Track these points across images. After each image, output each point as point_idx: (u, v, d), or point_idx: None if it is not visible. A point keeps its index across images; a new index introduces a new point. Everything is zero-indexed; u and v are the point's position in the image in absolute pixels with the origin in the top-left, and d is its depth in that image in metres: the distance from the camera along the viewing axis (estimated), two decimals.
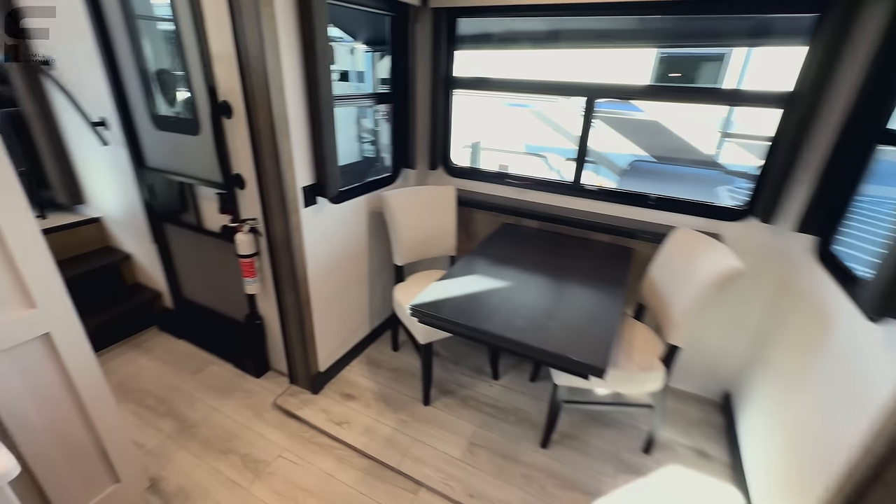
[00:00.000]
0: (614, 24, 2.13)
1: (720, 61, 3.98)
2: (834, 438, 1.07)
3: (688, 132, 4.38)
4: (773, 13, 1.56)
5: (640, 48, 3.75)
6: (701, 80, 4.41)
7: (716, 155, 4.25)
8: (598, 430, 1.78)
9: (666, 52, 4.10)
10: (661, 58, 4.21)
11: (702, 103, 1.96)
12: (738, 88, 3.50)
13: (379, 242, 2.12)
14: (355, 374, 2.05)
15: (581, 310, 1.38)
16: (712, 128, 4.21)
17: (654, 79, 4.45)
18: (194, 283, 2.23)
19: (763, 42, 2.68)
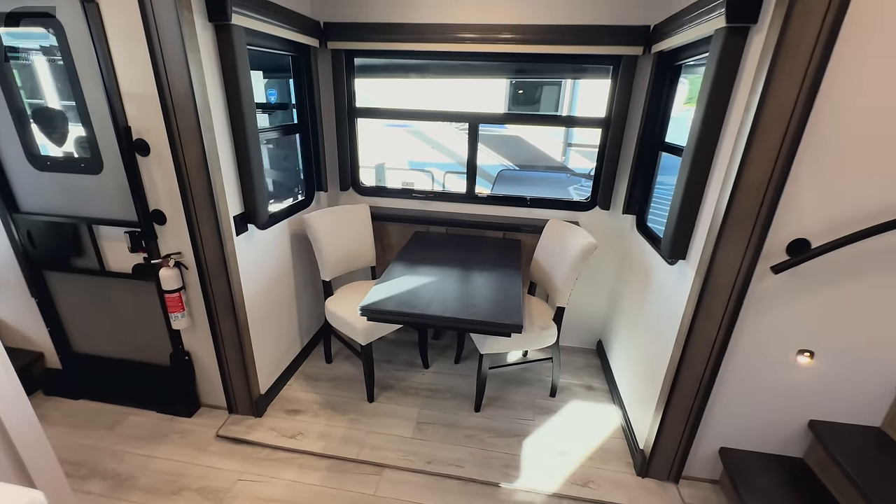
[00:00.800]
0: (480, 62, 2.63)
1: (558, 86, 4.96)
2: (661, 350, 1.63)
3: (542, 144, 5.33)
4: (588, 64, 2.20)
5: (498, 78, 4.51)
6: (543, 100, 5.39)
7: (564, 161, 5.27)
8: (515, 388, 2.20)
9: (515, 80, 4.94)
10: (511, 84, 5.04)
11: (550, 126, 2.57)
12: (572, 115, 4.46)
13: (302, 262, 2.24)
14: (295, 391, 2.13)
15: (493, 288, 1.77)
16: (559, 140, 5.22)
17: (508, 99, 5.29)
18: (91, 333, 2.03)
19: (584, 77, 3.53)
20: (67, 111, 1.66)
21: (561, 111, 5.08)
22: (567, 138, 5.22)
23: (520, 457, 1.79)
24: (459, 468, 1.72)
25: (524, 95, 5.32)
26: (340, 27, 2.05)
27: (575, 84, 4.81)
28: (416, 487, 1.64)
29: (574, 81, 4.73)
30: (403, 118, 2.49)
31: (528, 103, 5.31)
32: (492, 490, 1.64)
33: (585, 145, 5.14)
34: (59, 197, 1.73)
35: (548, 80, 5.04)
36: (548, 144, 5.31)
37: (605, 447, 1.85)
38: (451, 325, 1.55)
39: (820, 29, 1.06)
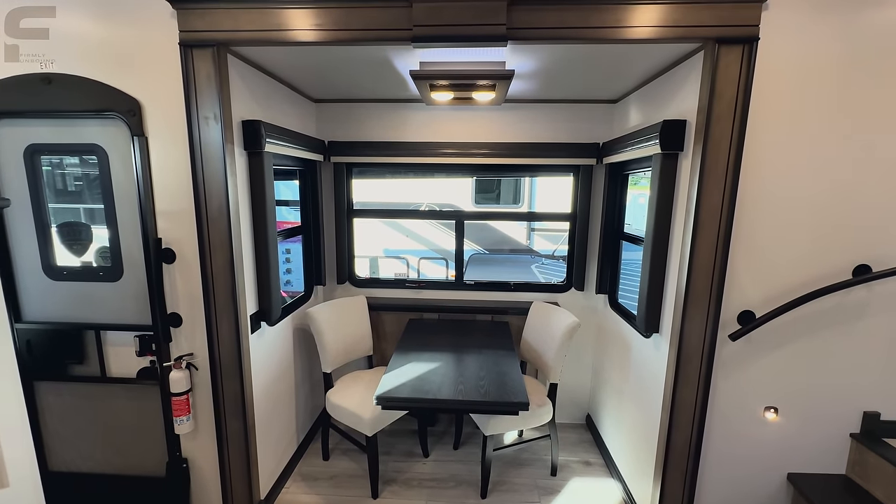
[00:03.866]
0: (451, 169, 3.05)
1: (517, 180, 5.60)
2: (650, 417, 1.79)
3: (508, 229, 5.83)
4: (550, 170, 2.64)
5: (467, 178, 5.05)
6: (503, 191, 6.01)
7: (529, 243, 5.77)
8: (516, 469, 2.23)
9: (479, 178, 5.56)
10: (476, 181, 5.64)
11: (523, 221, 2.93)
12: (545, 212, 5.00)
13: (301, 355, 2.29)
14: (294, 494, 2.04)
15: (492, 370, 1.90)
16: (523, 226, 5.76)
17: (474, 191, 5.85)
18: (76, 447, 1.91)
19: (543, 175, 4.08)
20: (86, 226, 1.79)
21: (521, 200, 5.69)
22: (530, 224, 5.78)
23: None
24: None
25: (487, 186, 5.96)
26: (342, 145, 2.38)
27: (532, 180, 5.52)
28: None
29: (531, 179, 5.43)
30: (397, 217, 2.77)
31: (490, 192, 5.92)
32: None
33: (547, 230, 5.71)
34: (69, 305, 1.77)
35: (508, 176, 5.71)
36: (513, 229, 5.83)
37: None
38: (463, 407, 1.66)
39: (728, 153, 1.45)
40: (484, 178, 5.54)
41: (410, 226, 5.81)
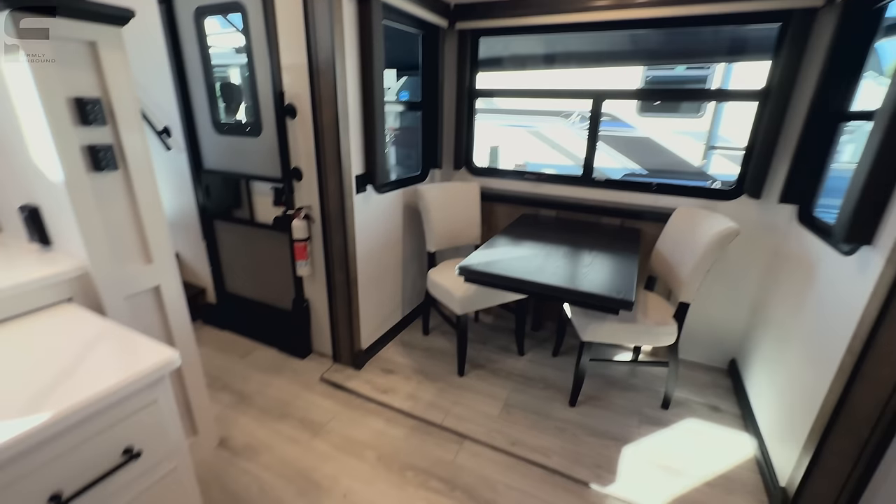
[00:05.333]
0: (609, 46, 2.47)
1: (702, 82, 4.40)
2: (822, 368, 1.28)
3: (677, 146, 4.76)
4: (746, 23, 1.89)
5: (631, 66, 4.15)
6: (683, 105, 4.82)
7: (703, 166, 4.61)
8: (620, 392, 1.96)
9: (652, 75, 4.51)
10: (647, 80, 4.63)
11: (691, 100, 2.27)
12: (721, 88, 3.89)
13: (412, 235, 2.34)
14: (392, 354, 2.22)
15: (602, 267, 1.60)
16: (699, 142, 4.60)
17: (641, 104, 4.86)
18: (239, 276, 2.42)
19: (737, 58, 3.05)
20: (239, 85, 2.03)
21: (704, 108, 4.48)
22: (710, 139, 4.57)
23: (616, 461, 1.57)
24: (545, 457, 1.58)
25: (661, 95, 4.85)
26: (469, 7, 2.11)
27: (725, 74, 4.19)
28: (496, 465, 1.55)
29: (724, 70, 4.11)
30: (523, 97, 2.46)
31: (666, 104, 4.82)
32: (579, 488, 1.46)
33: (733, 148, 4.43)
34: (228, 156, 2.10)
35: (690, 76, 4.50)
36: (684, 147, 4.72)
37: (730, 476, 1.52)
38: (551, 293, 1.44)
39: None
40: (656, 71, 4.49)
41: (556, 137, 5.25)
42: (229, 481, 1.46)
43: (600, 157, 5.03)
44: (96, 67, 1.09)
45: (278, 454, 1.58)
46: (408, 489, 1.45)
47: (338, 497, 1.41)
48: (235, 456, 1.57)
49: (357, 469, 1.52)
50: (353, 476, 1.49)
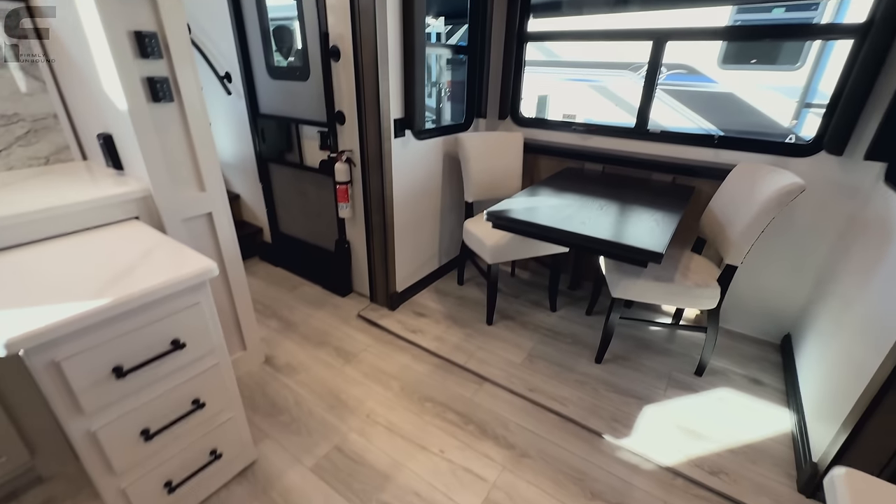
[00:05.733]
0: None
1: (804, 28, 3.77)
2: (878, 340, 1.14)
3: (765, 104, 4.20)
4: None
5: (718, 5, 3.61)
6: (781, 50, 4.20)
7: (794, 126, 4.04)
8: (651, 354, 1.90)
9: (742, 19, 3.96)
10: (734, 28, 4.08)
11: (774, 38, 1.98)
12: (810, 23, 3.34)
13: (451, 184, 2.35)
14: (425, 299, 2.31)
15: (639, 221, 1.52)
16: (791, 99, 4.02)
17: (723, 54, 4.30)
18: (290, 218, 2.59)
19: None
20: (291, 28, 2.08)
21: (803, 61, 3.86)
22: (807, 95, 3.96)
23: (634, 417, 1.56)
24: (562, 405, 1.60)
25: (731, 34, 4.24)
26: None
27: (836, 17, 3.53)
28: (512, 406, 1.61)
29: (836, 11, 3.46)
30: (574, 39, 2.29)
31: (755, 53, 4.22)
32: (592, 437, 1.48)
33: None
34: (280, 101, 2.20)
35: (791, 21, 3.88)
36: (773, 105, 4.15)
37: (758, 447, 1.45)
38: (576, 241, 1.40)
39: None
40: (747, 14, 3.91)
41: (622, 93, 4.84)
42: (270, 391, 1.66)
43: (669, 117, 4.58)
44: (152, 3, 1.17)
45: (314, 374, 1.75)
46: (425, 417, 1.55)
47: (361, 416, 1.55)
48: (277, 372, 1.76)
49: (381, 395, 1.65)
50: (377, 400, 1.62)
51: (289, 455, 1.39)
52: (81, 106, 1.43)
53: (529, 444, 1.45)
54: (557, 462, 1.39)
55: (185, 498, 1.17)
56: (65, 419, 0.88)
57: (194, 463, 1.15)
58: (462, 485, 1.30)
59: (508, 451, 1.42)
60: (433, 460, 1.38)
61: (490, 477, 1.33)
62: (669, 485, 1.32)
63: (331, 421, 1.53)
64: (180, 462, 1.12)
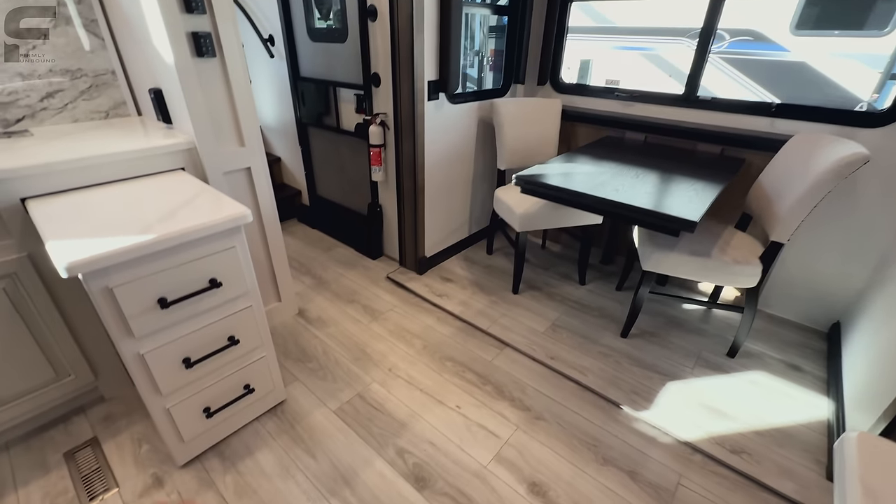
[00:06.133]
0: None
1: None
2: None
3: (842, 75, 3.78)
4: None
5: None
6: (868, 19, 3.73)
7: (875, 101, 3.61)
8: (682, 333, 1.84)
9: None
10: None
11: None
12: None
13: (485, 151, 2.32)
14: (453, 266, 2.33)
15: (676, 191, 1.44)
16: (874, 70, 3.58)
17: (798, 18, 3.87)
18: (327, 181, 2.67)
19: None
20: None
21: (894, 26, 3.40)
22: (893, 65, 3.50)
23: (656, 392, 1.53)
24: (581, 374, 1.60)
25: None
26: None
27: None
28: (531, 372, 1.62)
29: None
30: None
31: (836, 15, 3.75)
32: (610, 407, 1.47)
33: None
34: (320, 63, 2.24)
35: None
36: (851, 76, 3.72)
37: (788, 432, 1.39)
38: (607, 208, 1.37)
39: None
40: None
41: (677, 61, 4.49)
42: (301, 341, 1.76)
43: (727, 87, 4.22)
44: None
45: (342, 328, 1.84)
46: (444, 374, 1.60)
47: (384, 369, 1.62)
48: (309, 324, 1.86)
49: (404, 352, 1.71)
50: (399, 356, 1.69)
51: (315, 398, 1.49)
52: (135, 63, 1.52)
53: (545, 407, 1.47)
54: (572, 427, 1.40)
55: (221, 424, 1.29)
56: (118, 341, 0.99)
57: (230, 394, 1.26)
58: (475, 439, 1.35)
59: (523, 412, 1.45)
60: (449, 414, 1.43)
61: (503, 434, 1.36)
62: (687, 459, 1.30)
63: (355, 371, 1.61)
64: (217, 392, 1.23)
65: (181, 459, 1.24)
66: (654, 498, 1.19)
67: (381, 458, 1.28)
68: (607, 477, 1.24)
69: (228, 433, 1.33)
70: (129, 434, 1.34)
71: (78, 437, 1.33)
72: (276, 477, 1.22)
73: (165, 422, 1.15)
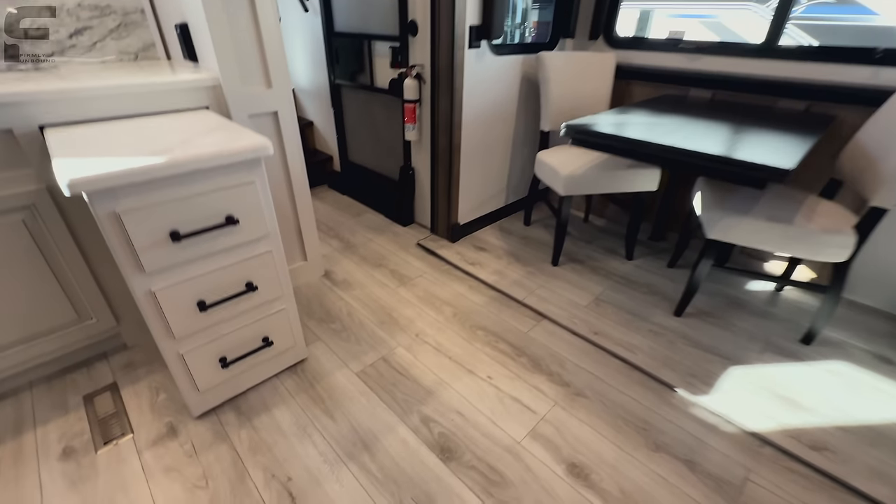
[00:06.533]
0: None
1: None
2: None
3: None
4: None
5: None
6: None
7: None
8: (745, 315, 1.62)
9: None
10: None
11: None
12: None
13: (528, 111, 2.14)
14: (488, 236, 2.19)
15: (758, 142, 1.23)
16: None
17: None
18: (358, 145, 2.57)
19: None
20: None
21: None
22: None
23: (717, 376, 1.34)
24: (629, 352, 1.43)
25: None
26: None
27: None
28: (571, 346, 1.47)
29: None
30: None
31: None
32: (662, 389, 1.30)
33: None
34: (355, 15, 2.12)
35: None
36: None
37: (881, 431, 1.18)
38: (672, 156, 1.17)
39: None
40: None
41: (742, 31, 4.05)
42: (326, 301, 1.68)
43: None
44: None
45: (368, 292, 1.74)
46: (475, 344, 1.47)
47: (410, 334, 1.51)
48: (335, 286, 1.78)
49: (432, 318, 1.59)
50: (427, 322, 1.57)
51: (337, 359, 1.40)
52: (164, 1, 1.45)
53: (586, 384, 1.32)
54: (617, 407, 1.24)
55: (238, 377, 1.22)
56: (129, 278, 0.92)
57: (247, 345, 1.19)
58: (508, 413, 1.22)
59: (562, 387, 1.30)
60: (480, 384, 1.31)
61: (540, 410, 1.23)
62: (755, 452, 1.12)
63: (380, 335, 1.51)
64: (234, 341, 1.15)
65: (196, 410, 1.18)
66: (717, 491, 1.02)
67: (404, 424, 1.18)
68: (660, 464, 1.09)
69: (246, 388, 1.26)
70: (148, 382, 1.30)
71: (98, 381, 1.30)
72: (293, 436, 1.14)
73: (180, 368, 1.08)
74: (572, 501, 1.00)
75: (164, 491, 1.01)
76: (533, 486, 1.03)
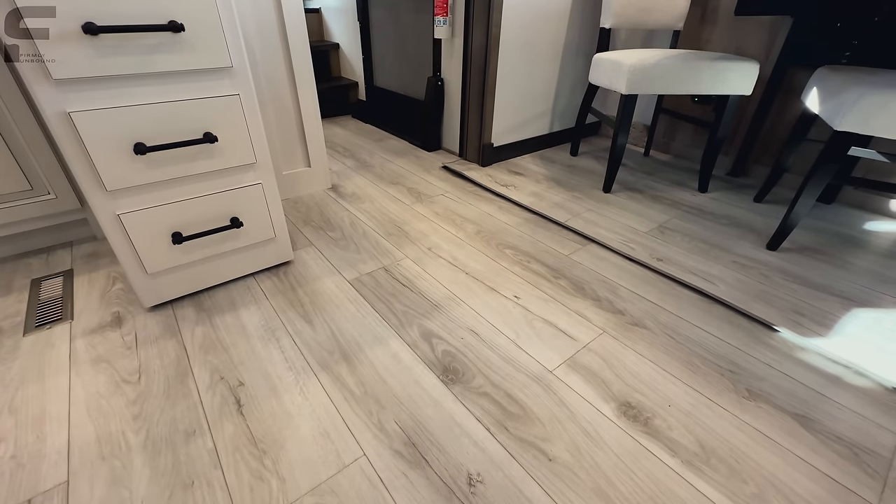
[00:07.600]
0: None
1: None
2: None
3: None
4: None
5: None
6: None
7: None
8: (864, 254, 1.22)
9: None
10: None
11: None
12: None
13: (584, 7, 1.76)
14: (525, 162, 1.86)
15: None
16: None
17: None
18: (384, 66, 2.29)
19: None
20: None
21: None
22: None
23: (834, 317, 0.97)
24: (707, 282, 1.08)
25: None
26: None
27: None
28: (626, 272, 1.13)
29: None
30: None
31: None
32: (755, 328, 0.95)
33: None
34: None
35: None
36: None
37: None
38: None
39: None
40: None
41: None
42: (328, 211, 1.42)
43: None
44: None
45: (378, 205, 1.47)
46: (502, 262, 1.17)
47: (422, 247, 1.23)
48: (341, 198, 1.52)
49: (451, 234, 1.30)
50: (443, 238, 1.28)
51: (329, 265, 1.14)
52: None
53: (647, 314, 0.98)
54: (692, 343, 0.90)
55: (202, 268, 0.99)
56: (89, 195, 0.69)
57: (209, 222, 0.94)
58: (539, 336, 0.91)
59: (614, 315, 0.98)
60: (503, 304, 1.01)
61: (582, 337, 0.91)
62: None
63: (385, 245, 1.23)
64: (191, 212, 0.90)
65: (148, 300, 0.95)
66: (853, 462, 0.68)
67: (399, 338, 0.90)
68: (757, 417, 0.75)
69: (213, 283, 1.03)
70: (107, 272, 1.10)
71: (54, 267, 1.11)
72: (257, 338, 0.89)
73: (118, 238, 0.85)
74: (624, 449, 0.69)
75: (84, 382, 0.79)
76: (568, 426, 0.72)
